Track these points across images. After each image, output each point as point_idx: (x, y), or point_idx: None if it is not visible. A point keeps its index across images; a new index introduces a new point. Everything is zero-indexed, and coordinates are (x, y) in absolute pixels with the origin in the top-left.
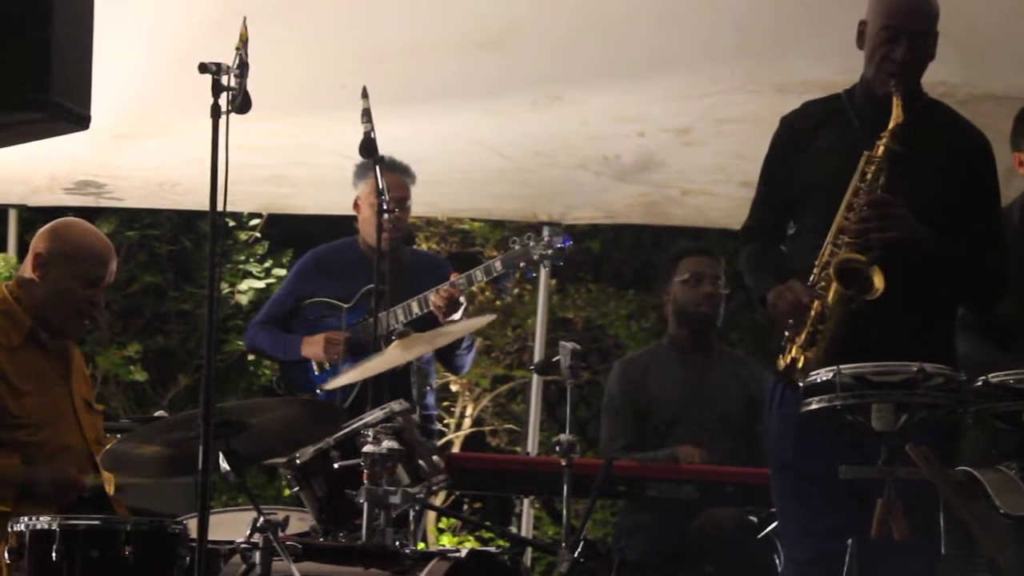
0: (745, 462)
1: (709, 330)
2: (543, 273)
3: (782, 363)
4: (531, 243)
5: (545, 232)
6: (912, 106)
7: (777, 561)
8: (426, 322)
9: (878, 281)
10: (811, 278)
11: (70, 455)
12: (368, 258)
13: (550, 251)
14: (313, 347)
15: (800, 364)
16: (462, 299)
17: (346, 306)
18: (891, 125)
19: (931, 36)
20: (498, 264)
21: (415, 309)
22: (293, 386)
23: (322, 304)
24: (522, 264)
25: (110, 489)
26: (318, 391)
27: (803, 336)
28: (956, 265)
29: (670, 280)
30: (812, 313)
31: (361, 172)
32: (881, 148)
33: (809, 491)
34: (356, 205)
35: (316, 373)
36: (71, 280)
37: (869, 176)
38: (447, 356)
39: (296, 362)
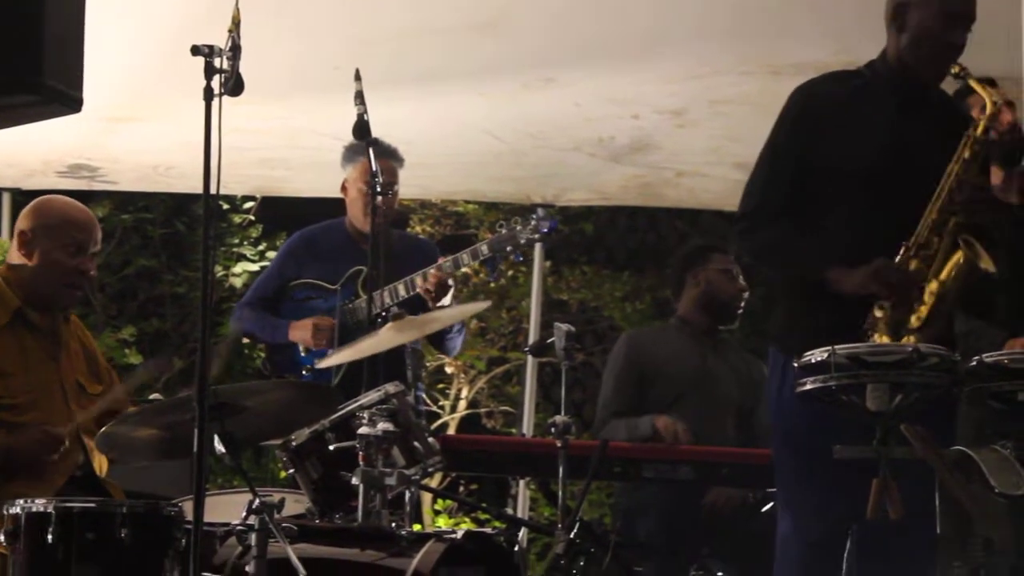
0: (743, 445)
1: (728, 323)
2: (537, 255)
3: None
4: (518, 227)
5: (533, 215)
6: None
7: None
8: (416, 305)
9: (986, 263)
10: (898, 258)
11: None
12: (355, 240)
13: (537, 234)
14: (300, 331)
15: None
16: (451, 282)
17: (333, 287)
18: (990, 109)
19: None
20: (485, 248)
21: (401, 291)
22: (280, 367)
23: (309, 286)
24: (509, 248)
25: (102, 469)
26: (304, 372)
27: (923, 312)
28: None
29: (704, 265)
30: (932, 291)
31: (349, 155)
32: (980, 127)
33: (819, 472)
34: (344, 188)
35: (303, 355)
36: (58, 251)
37: (966, 159)
38: (438, 339)
39: (282, 344)
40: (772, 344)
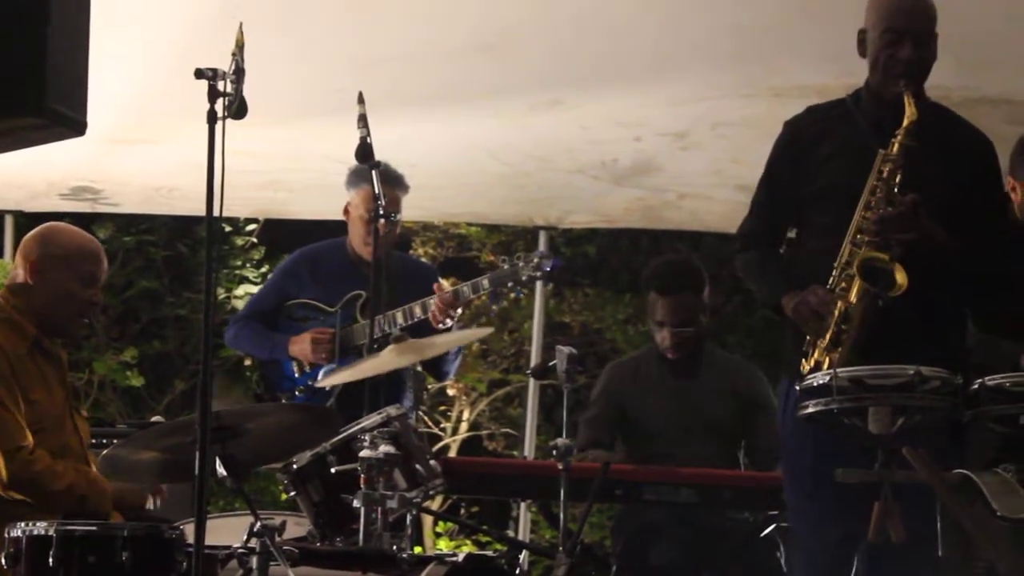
0: (735, 467)
1: (685, 360)
2: None
3: (806, 366)
4: (520, 263)
5: (536, 253)
6: (919, 106)
7: (780, 559)
8: (415, 329)
9: (900, 278)
10: (831, 280)
11: (71, 457)
12: (355, 264)
13: (539, 272)
14: (300, 346)
15: (825, 366)
16: (452, 313)
17: (331, 310)
18: (905, 122)
19: (933, 37)
20: (486, 282)
21: (400, 319)
22: (272, 385)
23: (307, 306)
24: (510, 284)
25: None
26: (298, 392)
27: (827, 338)
28: (966, 264)
29: (647, 301)
30: (836, 314)
31: (353, 179)
32: (896, 146)
33: (826, 495)
34: (346, 211)
35: (296, 375)
36: (71, 282)
37: (885, 174)
38: (434, 363)
39: (275, 362)
40: (783, 369)
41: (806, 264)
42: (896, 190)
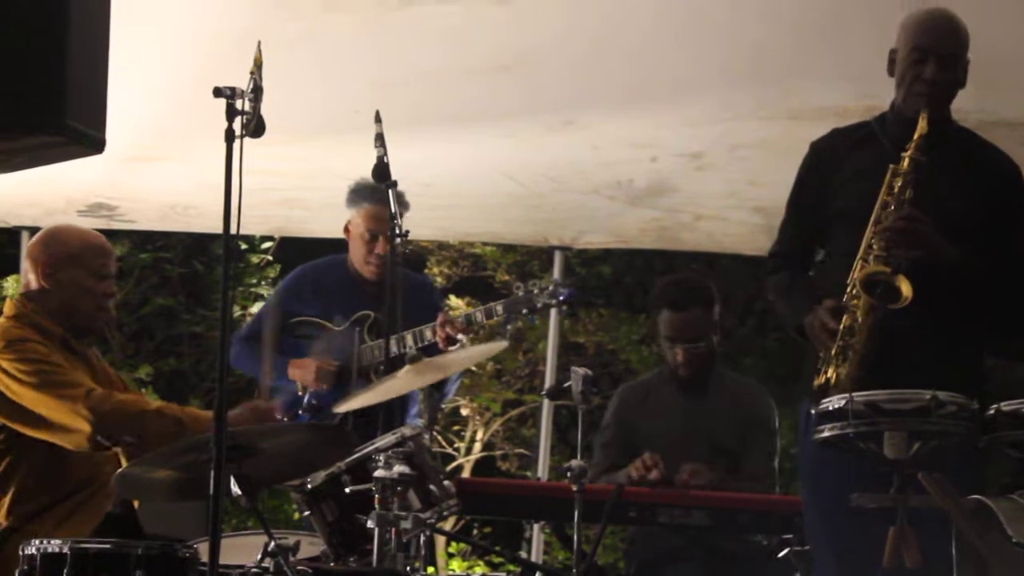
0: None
1: (697, 379)
2: None
3: (817, 383)
4: (535, 290)
5: (552, 281)
6: (942, 129)
7: None
8: (423, 350)
9: (906, 289)
10: (845, 296)
11: (103, 455)
12: (357, 281)
13: (554, 300)
14: (301, 371)
15: (833, 381)
16: (461, 337)
17: (337, 328)
18: (916, 137)
19: (960, 62)
20: (499, 308)
21: (409, 341)
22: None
23: (311, 324)
24: (524, 311)
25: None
26: (300, 412)
27: (833, 352)
28: (985, 286)
29: (657, 320)
30: (840, 327)
31: (354, 198)
32: (907, 161)
33: (845, 520)
34: (346, 230)
35: (299, 393)
36: (86, 278)
37: (896, 189)
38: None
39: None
40: (805, 391)
41: (830, 285)
42: (907, 206)
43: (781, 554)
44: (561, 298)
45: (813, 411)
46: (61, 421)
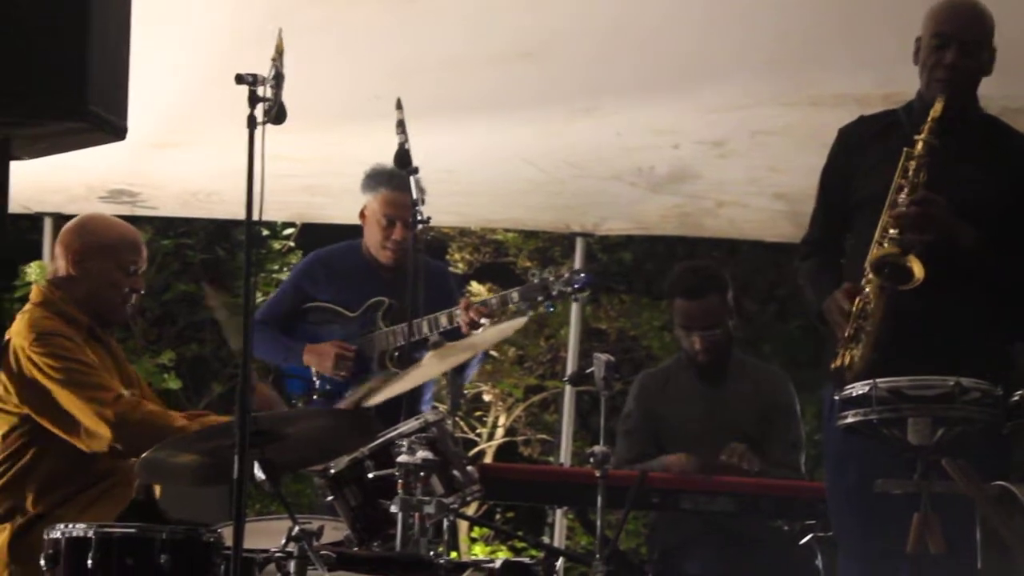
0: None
1: (715, 365)
2: None
3: (833, 366)
4: (551, 277)
5: (568, 269)
6: (964, 114)
7: (818, 568)
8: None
9: (917, 270)
10: (863, 280)
11: None
12: (372, 267)
13: (570, 288)
14: (319, 357)
15: (847, 363)
16: (484, 321)
17: (351, 315)
18: (929, 119)
19: (983, 47)
20: (515, 295)
21: (424, 329)
22: (287, 391)
23: (325, 310)
24: (540, 298)
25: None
26: (315, 397)
27: (847, 333)
28: (1006, 270)
29: (672, 308)
30: (854, 310)
31: (369, 183)
32: (920, 144)
33: (870, 506)
34: (362, 215)
35: (316, 381)
36: (114, 271)
37: (910, 172)
38: (458, 365)
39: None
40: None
41: (857, 272)
42: (921, 189)
43: (804, 540)
44: (577, 286)
45: (836, 396)
46: (84, 422)
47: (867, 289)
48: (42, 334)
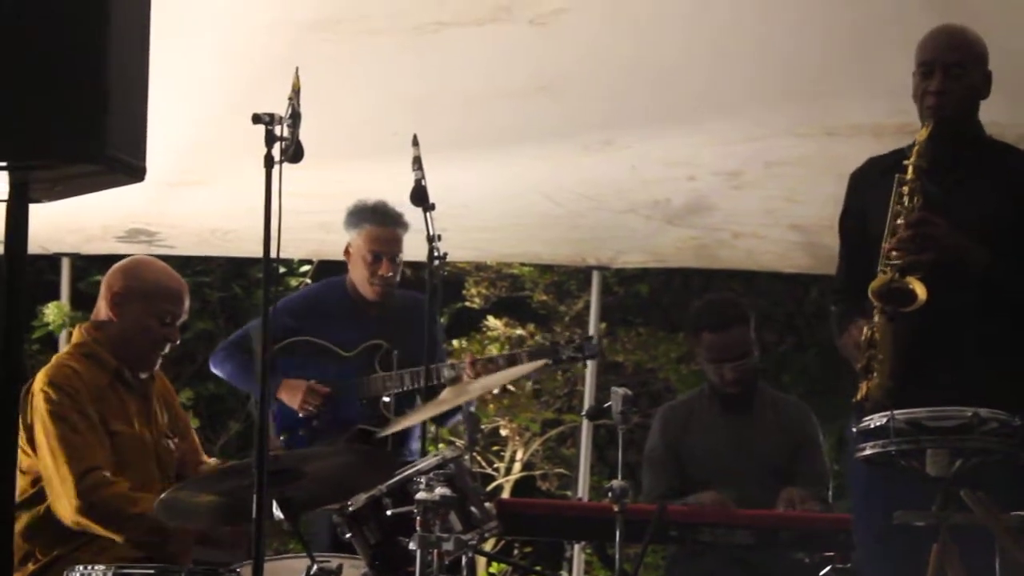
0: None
1: (742, 396)
2: (593, 317)
3: (854, 400)
4: (561, 342)
5: (578, 335)
6: (967, 138)
7: None
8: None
9: (919, 290)
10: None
11: (153, 494)
12: (359, 304)
13: (579, 354)
14: (291, 392)
15: (865, 395)
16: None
17: (346, 354)
18: (916, 143)
19: (970, 69)
20: (524, 356)
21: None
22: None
23: (316, 347)
24: (548, 361)
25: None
26: (300, 434)
27: (861, 365)
28: (1019, 289)
29: (697, 344)
30: (863, 340)
31: (352, 220)
32: (910, 168)
33: (895, 537)
34: (347, 252)
35: (300, 416)
36: (149, 318)
37: (905, 198)
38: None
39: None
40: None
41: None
42: (916, 212)
43: (823, 572)
44: (586, 353)
45: (855, 429)
46: (56, 486)
47: (876, 319)
48: (54, 383)
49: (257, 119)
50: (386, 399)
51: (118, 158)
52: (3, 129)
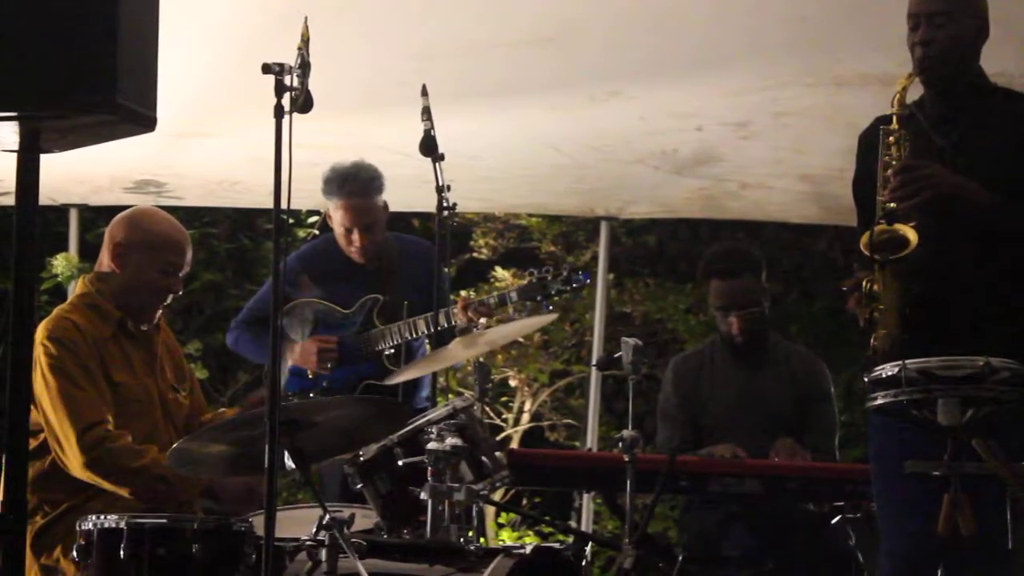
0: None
1: (752, 346)
2: (601, 268)
3: (867, 355)
4: (549, 277)
5: (565, 266)
6: (964, 83)
7: (852, 544)
8: (440, 334)
9: (910, 236)
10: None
11: (160, 442)
12: (354, 262)
13: (568, 287)
14: (302, 356)
15: (876, 345)
16: (483, 321)
17: (346, 312)
18: (896, 91)
19: (956, 17)
20: (514, 295)
21: (422, 328)
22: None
23: (317, 306)
24: (539, 297)
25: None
26: (311, 395)
27: (867, 317)
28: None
29: (707, 289)
30: (863, 292)
31: (325, 190)
32: (894, 118)
33: (910, 486)
34: (328, 216)
35: (310, 377)
36: (151, 269)
37: (892, 148)
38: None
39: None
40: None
41: None
42: (906, 160)
43: (834, 521)
44: (575, 284)
45: (866, 378)
46: (60, 441)
47: (876, 272)
48: (54, 337)
49: (267, 69)
50: (388, 351)
51: (129, 108)
52: (14, 79)
